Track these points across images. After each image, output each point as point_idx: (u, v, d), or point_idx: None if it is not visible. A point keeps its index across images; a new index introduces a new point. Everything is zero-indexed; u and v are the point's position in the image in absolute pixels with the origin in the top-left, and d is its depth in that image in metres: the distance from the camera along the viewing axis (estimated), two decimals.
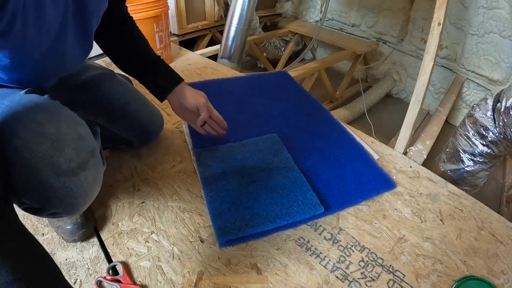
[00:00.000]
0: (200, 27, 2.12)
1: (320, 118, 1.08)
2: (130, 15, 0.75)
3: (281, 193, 0.76)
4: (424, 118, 1.90)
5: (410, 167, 0.90)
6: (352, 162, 0.87)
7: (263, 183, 0.79)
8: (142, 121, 0.85)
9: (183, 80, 0.76)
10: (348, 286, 0.60)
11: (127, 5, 0.75)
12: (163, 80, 0.74)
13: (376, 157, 0.92)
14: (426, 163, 1.00)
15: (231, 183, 0.78)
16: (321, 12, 2.50)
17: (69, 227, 0.65)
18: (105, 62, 1.47)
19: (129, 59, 0.73)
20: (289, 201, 0.74)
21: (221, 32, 1.80)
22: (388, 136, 1.66)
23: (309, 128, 1.02)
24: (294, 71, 1.75)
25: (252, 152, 0.89)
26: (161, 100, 0.76)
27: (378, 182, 0.82)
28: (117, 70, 0.81)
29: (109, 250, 0.67)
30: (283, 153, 0.88)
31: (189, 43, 2.17)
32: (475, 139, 1.03)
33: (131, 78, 0.79)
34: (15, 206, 0.43)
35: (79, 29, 0.52)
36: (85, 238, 0.68)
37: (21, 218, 0.73)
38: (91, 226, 0.69)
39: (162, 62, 0.75)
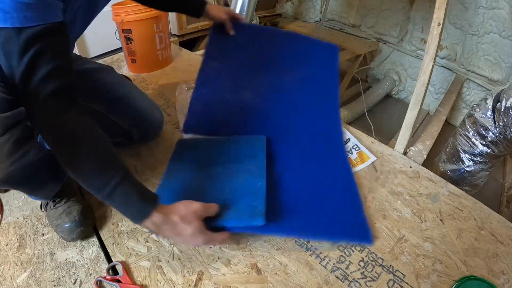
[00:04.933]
0: (200, 27, 2.12)
1: (328, 129, 0.94)
2: None
3: (229, 194, 0.68)
4: (424, 118, 1.90)
5: (410, 167, 0.90)
6: (337, 192, 0.76)
7: (218, 181, 0.72)
8: (141, 109, 0.86)
9: (206, 3, 0.91)
10: (348, 286, 0.60)
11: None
12: (197, 3, 0.91)
13: (373, 159, 0.91)
14: (426, 163, 1.00)
15: (189, 174, 0.75)
16: (321, 12, 2.50)
17: (67, 225, 0.66)
18: (106, 62, 1.47)
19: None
20: (232, 203, 0.65)
21: None
22: (388, 136, 1.66)
23: (311, 131, 0.92)
24: None
25: (229, 149, 0.83)
26: (200, 16, 0.91)
27: (355, 230, 0.69)
28: (117, 70, 0.82)
29: (109, 250, 0.67)
30: (259, 157, 0.79)
31: (189, 44, 2.17)
32: (475, 139, 1.03)
33: None
34: None
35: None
36: (83, 236, 0.68)
37: (21, 219, 0.74)
38: (89, 224, 0.69)
39: None
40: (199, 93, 0.93)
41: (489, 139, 1.00)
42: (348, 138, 0.98)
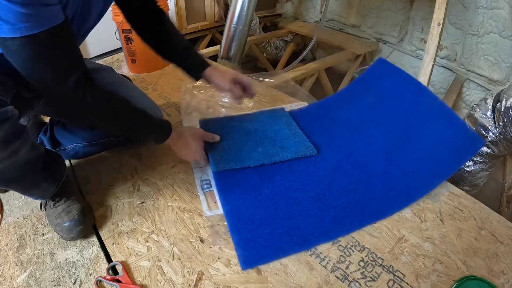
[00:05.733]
0: (200, 27, 2.12)
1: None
2: (161, 8, 0.86)
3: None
4: None
5: None
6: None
7: (259, 134, 0.91)
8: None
9: (210, 65, 0.86)
10: (348, 286, 0.60)
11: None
12: (195, 64, 0.86)
13: None
14: None
15: (229, 134, 0.91)
16: (321, 12, 2.50)
17: (66, 224, 0.66)
18: (106, 62, 1.47)
19: (166, 47, 0.86)
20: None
21: (221, 33, 1.80)
22: None
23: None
24: (294, 72, 1.75)
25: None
26: (197, 79, 0.88)
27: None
28: (117, 70, 0.82)
29: (108, 250, 0.67)
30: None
31: None
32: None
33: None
34: None
35: None
36: (83, 235, 0.68)
37: (21, 219, 0.74)
38: (89, 223, 0.69)
39: (193, 49, 0.87)
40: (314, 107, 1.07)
41: (489, 139, 1.00)
42: None
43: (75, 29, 0.64)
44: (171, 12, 1.88)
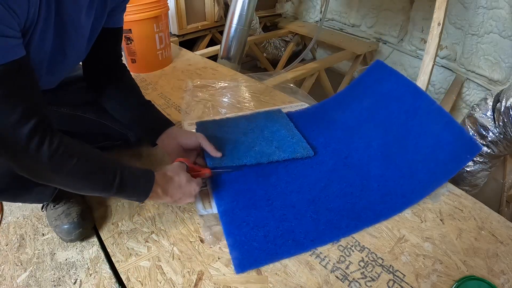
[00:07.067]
0: (200, 27, 2.12)
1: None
2: (125, 66, 0.81)
3: (271, 137, 0.89)
4: None
5: None
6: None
7: (255, 134, 0.90)
8: None
9: (173, 124, 0.79)
10: (348, 286, 0.60)
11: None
12: (158, 122, 0.78)
13: None
14: None
15: (225, 134, 0.90)
16: (321, 12, 2.50)
17: (66, 226, 0.66)
18: None
19: (125, 111, 0.79)
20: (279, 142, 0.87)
21: (221, 33, 1.80)
22: None
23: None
24: (294, 72, 1.75)
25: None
26: (156, 139, 0.76)
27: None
28: None
29: (109, 250, 0.67)
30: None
31: (189, 44, 2.17)
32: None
33: None
34: None
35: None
36: (82, 238, 0.68)
37: (21, 219, 0.74)
38: (88, 226, 0.69)
39: (154, 107, 0.81)
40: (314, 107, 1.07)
41: (489, 139, 1.00)
42: None
43: (50, 66, 0.57)
44: (171, 12, 1.88)
